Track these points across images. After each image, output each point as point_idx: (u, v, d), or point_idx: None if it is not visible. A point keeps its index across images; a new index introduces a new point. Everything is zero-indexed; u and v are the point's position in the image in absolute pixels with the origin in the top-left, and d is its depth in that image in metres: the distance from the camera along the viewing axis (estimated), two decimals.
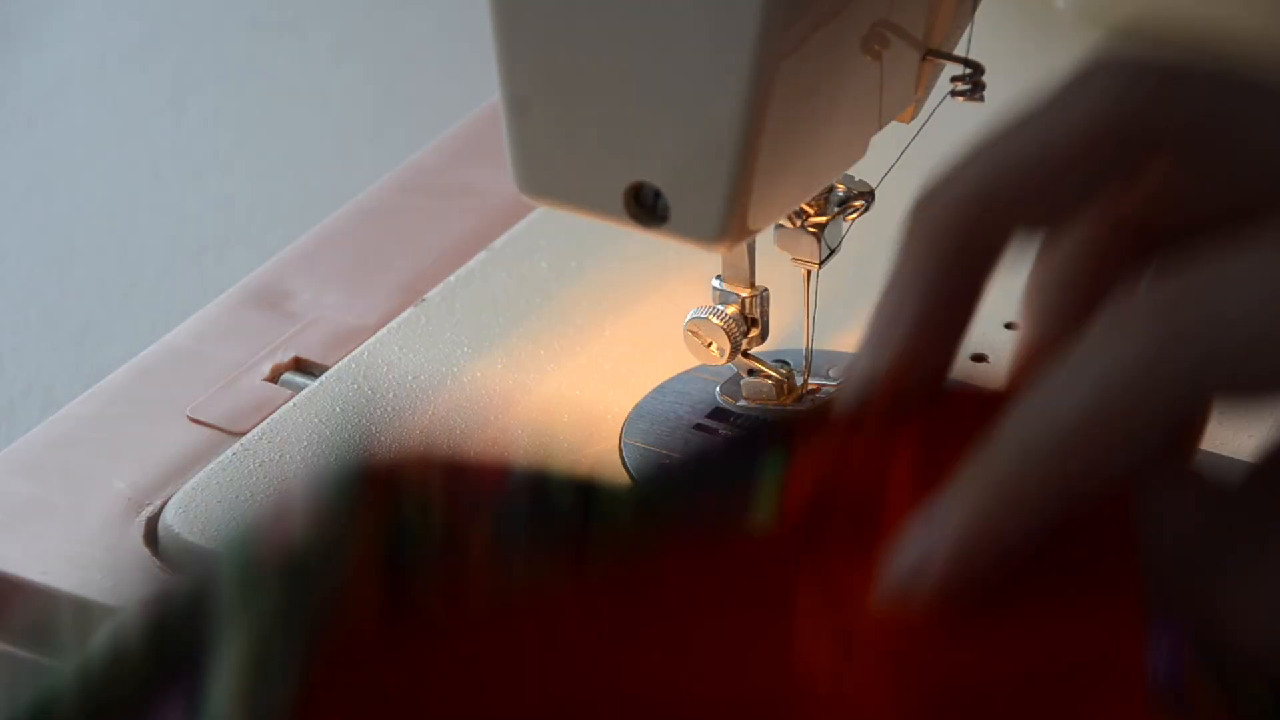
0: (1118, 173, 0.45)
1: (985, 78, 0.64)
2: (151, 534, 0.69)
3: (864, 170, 0.67)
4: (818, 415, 0.47)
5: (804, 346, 0.71)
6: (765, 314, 0.69)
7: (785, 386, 0.70)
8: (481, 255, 0.82)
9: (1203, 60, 0.45)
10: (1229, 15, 0.92)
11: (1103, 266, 0.47)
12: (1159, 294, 0.41)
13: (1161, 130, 0.44)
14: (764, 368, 0.70)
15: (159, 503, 0.70)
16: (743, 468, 0.46)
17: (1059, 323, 0.48)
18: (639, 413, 0.72)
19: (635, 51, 0.55)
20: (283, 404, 0.75)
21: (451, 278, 0.81)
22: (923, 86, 0.65)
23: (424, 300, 0.79)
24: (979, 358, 0.76)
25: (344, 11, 1.44)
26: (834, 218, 0.68)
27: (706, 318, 0.68)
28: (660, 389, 0.73)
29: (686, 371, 0.74)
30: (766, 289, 0.69)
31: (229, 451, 0.71)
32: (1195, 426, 0.45)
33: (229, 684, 0.41)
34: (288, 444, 0.72)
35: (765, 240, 0.66)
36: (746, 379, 0.70)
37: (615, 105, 0.56)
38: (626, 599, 0.45)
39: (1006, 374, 0.47)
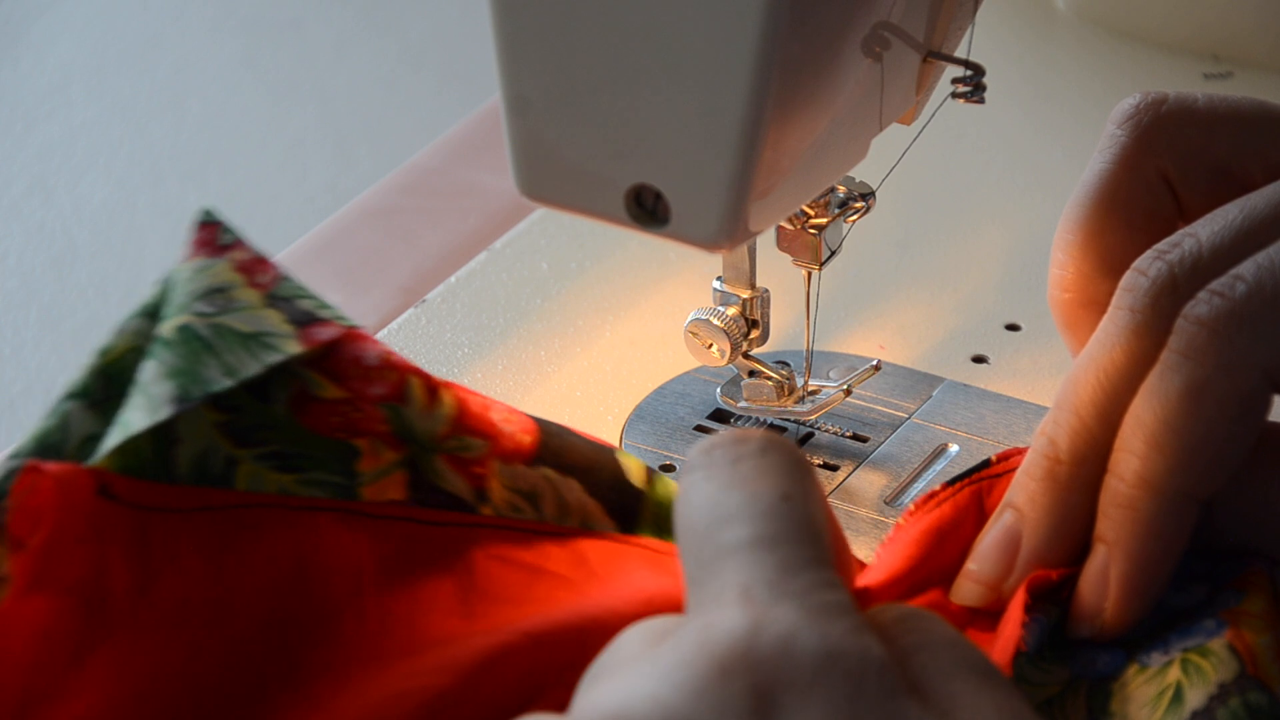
0: None
1: (986, 79, 0.64)
2: None
3: (865, 172, 0.67)
4: None
5: (805, 348, 0.71)
6: (766, 315, 0.69)
7: (786, 388, 0.70)
8: (482, 256, 0.82)
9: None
10: (1224, 15, 0.92)
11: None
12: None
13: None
14: (764, 369, 0.70)
15: None
16: None
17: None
18: (640, 414, 0.72)
19: (637, 54, 0.55)
20: None
21: (452, 278, 0.81)
22: (923, 88, 0.65)
23: (424, 301, 0.79)
24: (980, 359, 0.76)
25: (344, 11, 1.44)
26: (835, 219, 0.68)
27: (707, 319, 0.68)
28: (661, 390, 0.73)
29: (687, 373, 0.74)
30: (767, 290, 0.69)
31: None
32: None
33: None
34: None
35: (766, 241, 0.66)
36: (747, 380, 0.70)
37: (616, 107, 0.56)
38: None
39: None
